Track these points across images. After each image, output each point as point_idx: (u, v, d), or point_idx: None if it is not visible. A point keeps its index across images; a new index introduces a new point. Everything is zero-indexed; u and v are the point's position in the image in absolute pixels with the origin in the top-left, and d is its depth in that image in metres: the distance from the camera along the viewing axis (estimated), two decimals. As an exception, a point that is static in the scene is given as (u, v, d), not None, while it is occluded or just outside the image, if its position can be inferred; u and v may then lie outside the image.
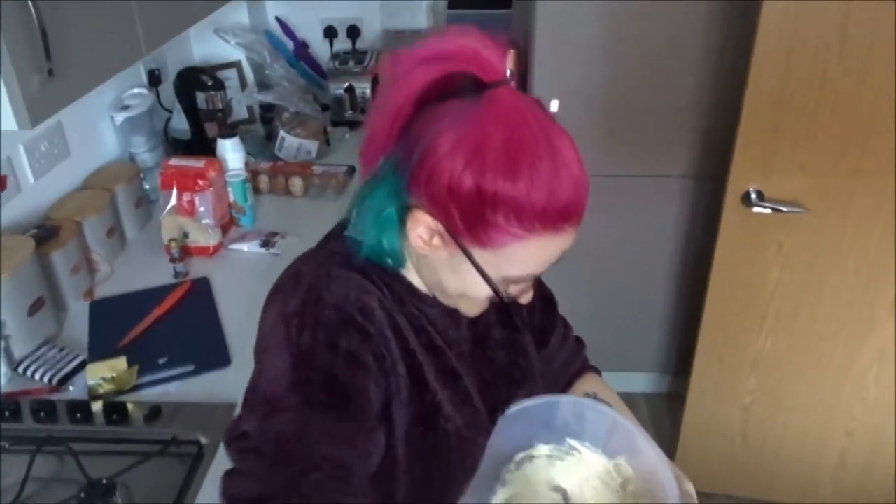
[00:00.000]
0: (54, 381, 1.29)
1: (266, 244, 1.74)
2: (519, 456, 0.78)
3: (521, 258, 0.70)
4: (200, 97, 2.06)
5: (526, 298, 0.79)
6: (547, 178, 0.66)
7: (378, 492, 0.75)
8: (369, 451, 0.72)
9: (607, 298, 2.38)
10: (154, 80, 2.07)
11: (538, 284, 0.98)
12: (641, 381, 2.57)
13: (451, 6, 2.40)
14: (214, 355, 1.37)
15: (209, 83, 2.06)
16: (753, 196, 1.72)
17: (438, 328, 0.82)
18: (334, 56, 2.46)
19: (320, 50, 2.55)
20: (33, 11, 1.02)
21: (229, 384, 1.30)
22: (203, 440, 1.16)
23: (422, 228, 0.72)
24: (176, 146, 2.10)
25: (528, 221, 0.67)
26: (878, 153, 1.63)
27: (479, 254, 0.71)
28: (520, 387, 0.90)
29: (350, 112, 2.41)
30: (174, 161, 1.73)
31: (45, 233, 1.46)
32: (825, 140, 1.63)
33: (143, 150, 1.92)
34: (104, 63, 1.27)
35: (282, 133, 2.17)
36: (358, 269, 0.77)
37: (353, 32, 2.50)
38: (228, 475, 0.71)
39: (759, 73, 1.59)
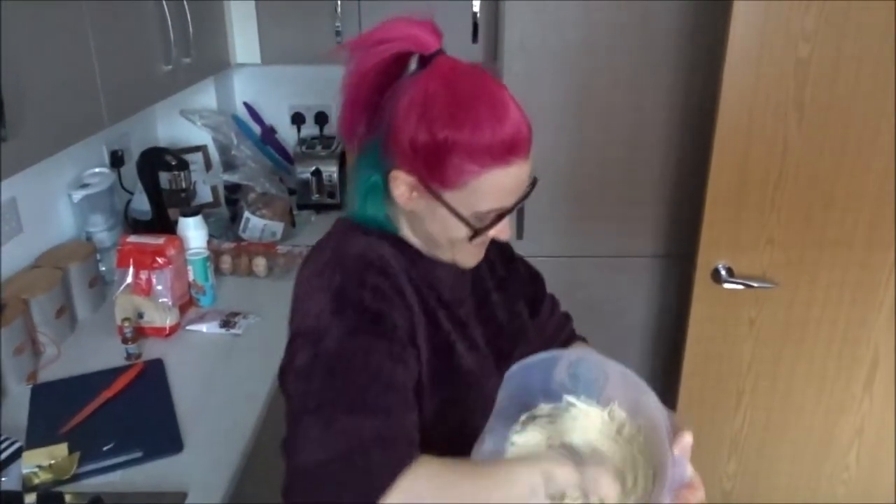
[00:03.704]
0: (-15, 472, 1.18)
1: (226, 324, 1.67)
2: (524, 416, 0.86)
3: (484, 191, 0.83)
4: (164, 177, 2.02)
5: (505, 234, 0.90)
6: (487, 119, 0.80)
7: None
8: (405, 361, 0.83)
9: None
10: (117, 160, 2.04)
11: (525, 264, 1.16)
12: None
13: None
14: (165, 441, 1.27)
15: (173, 163, 2.03)
16: (723, 273, 1.72)
17: (446, 285, 0.95)
18: (301, 141, 2.47)
19: (287, 135, 2.56)
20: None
21: (180, 471, 1.20)
22: (148, 533, 1.05)
23: (402, 186, 0.86)
24: (136, 227, 2.04)
25: (480, 158, 0.80)
26: (841, 222, 1.66)
27: (449, 196, 0.84)
28: (518, 341, 1.03)
29: (317, 195, 2.40)
30: (132, 238, 1.67)
31: (-11, 310, 1.38)
32: (789, 212, 1.66)
33: (101, 230, 1.86)
34: (63, 131, 1.24)
35: (246, 214, 2.13)
36: (372, 234, 0.92)
37: (322, 119, 2.52)
38: (289, 373, 0.83)
39: (722, 147, 1.62)
